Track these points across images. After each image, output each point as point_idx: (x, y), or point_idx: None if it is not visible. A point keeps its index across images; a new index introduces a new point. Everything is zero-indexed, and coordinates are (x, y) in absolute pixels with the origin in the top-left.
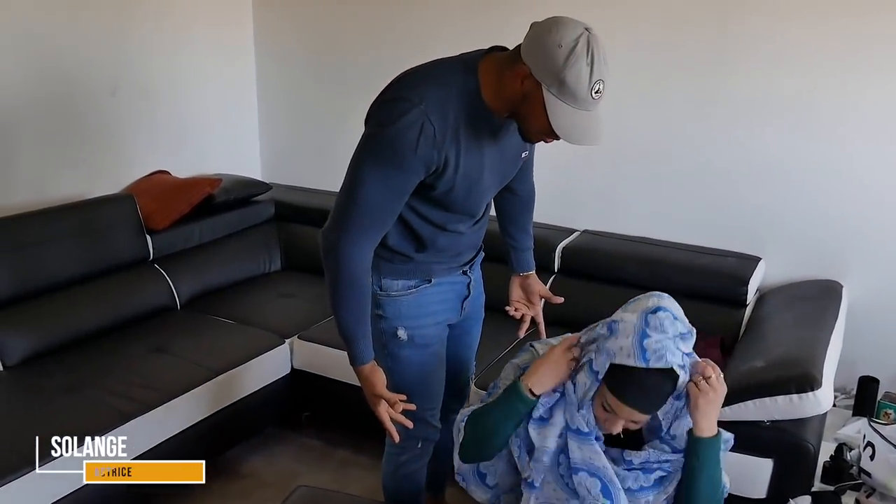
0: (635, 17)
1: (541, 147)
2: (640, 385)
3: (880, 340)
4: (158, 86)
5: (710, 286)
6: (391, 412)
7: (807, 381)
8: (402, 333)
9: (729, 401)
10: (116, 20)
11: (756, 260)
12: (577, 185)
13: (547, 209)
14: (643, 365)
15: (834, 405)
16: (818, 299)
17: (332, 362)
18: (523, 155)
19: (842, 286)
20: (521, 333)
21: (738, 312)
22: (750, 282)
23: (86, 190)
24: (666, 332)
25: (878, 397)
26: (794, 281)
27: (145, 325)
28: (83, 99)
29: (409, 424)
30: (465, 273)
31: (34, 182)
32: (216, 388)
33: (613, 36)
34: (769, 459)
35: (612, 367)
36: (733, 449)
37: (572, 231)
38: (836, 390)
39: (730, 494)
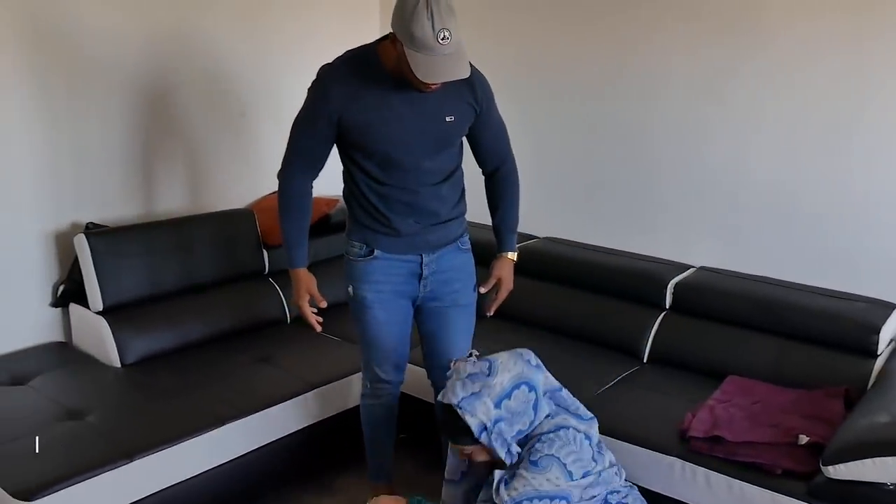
0: (760, 37)
1: (654, 181)
2: (441, 418)
3: None
4: (286, 110)
5: (835, 332)
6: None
7: None
8: (350, 290)
9: (845, 458)
10: (251, 45)
11: (892, 307)
12: (695, 220)
13: (661, 244)
14: (438, 399)
15: None
16: None
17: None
18: (447, 119)
19: None
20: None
21: (868, 363)
22: (882, 330)
23: (213, 204)
24: (460, 374)
25: None
26: None
27: (255, 335)
28: (217, 120)
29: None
30: (420, 255)
31: (167, 195)
32: (313, 401)
33: (734, 57)
34: None
35: None
36: None
37: (687, 267)
38: None
39: None
